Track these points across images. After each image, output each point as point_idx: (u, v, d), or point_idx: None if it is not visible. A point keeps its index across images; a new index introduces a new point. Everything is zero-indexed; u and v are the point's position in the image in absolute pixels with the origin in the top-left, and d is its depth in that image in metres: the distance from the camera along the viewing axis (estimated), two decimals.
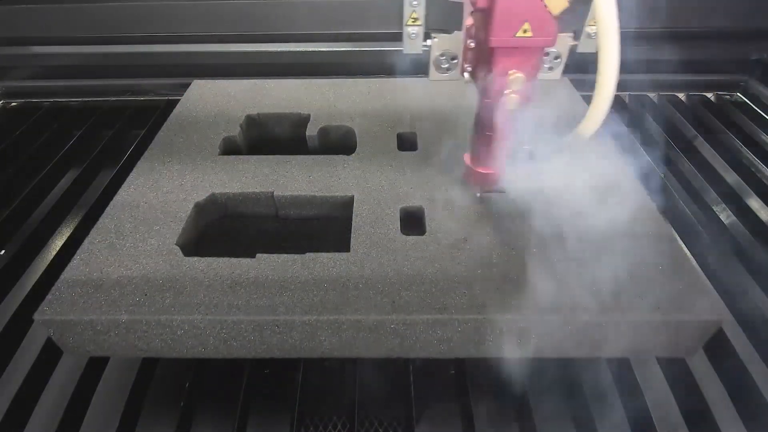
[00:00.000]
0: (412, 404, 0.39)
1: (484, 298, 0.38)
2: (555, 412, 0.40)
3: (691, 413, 0.39)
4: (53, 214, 0.56)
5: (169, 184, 0.49)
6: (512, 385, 0.41)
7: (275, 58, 0.74)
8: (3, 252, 0.53)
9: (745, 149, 0.65)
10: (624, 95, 0.76)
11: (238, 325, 0.37)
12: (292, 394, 0.40)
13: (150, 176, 0.50)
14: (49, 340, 0.43)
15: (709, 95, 0.77)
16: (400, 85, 0.65)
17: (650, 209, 0.45)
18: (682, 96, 0.77)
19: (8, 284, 0.48)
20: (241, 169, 0.51)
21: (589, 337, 0.38)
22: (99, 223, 0.45)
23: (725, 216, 0.55)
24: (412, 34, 0.42)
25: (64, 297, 0.38)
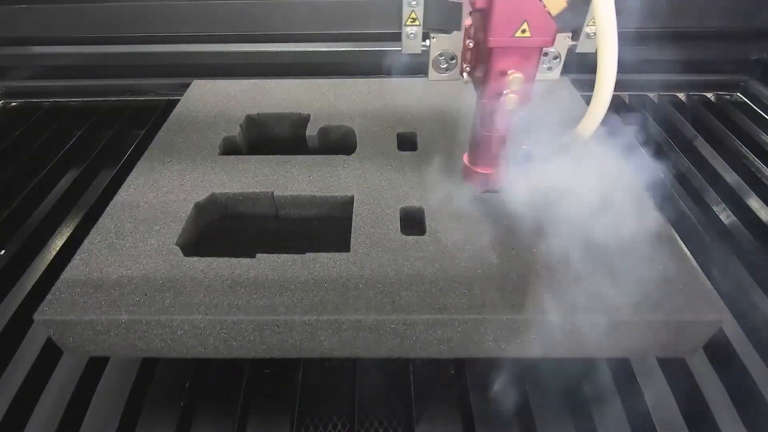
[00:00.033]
0: (412, 404, 0.39)
1: (484, 298, 0.38)
2: (555, 412, 0.40)
3: (691, 413, 0.39)
4: (53, 214, 0.56)
5: (169, 184, 0.49)
6: (512, 385, 0.41)
7: (275, 58, 0.74)
8: (3, 252, 0.53)
9: (745, 149, 0.65)
10: (624, 95, 0.76)
11: (238, 325, 0.37)
12: (292, 394, 0.40)
13: (150, 176, 0.50)
14: (49, 340, 0.43)
15: (709, 95, 0.77)
16: (400, 85, 0.65)
17: (650, 209, 0.45)
18: (682, 96, 0.77)
19: (8, 284, 0.48)
20: (241, 169, 0.51)
21: (589, 337, 0.38)
22: (99, 223, 0.45)
23: (725, 216, 0.55)
24: (411, 34, 0.42)
25: (64, 297, 0.38)
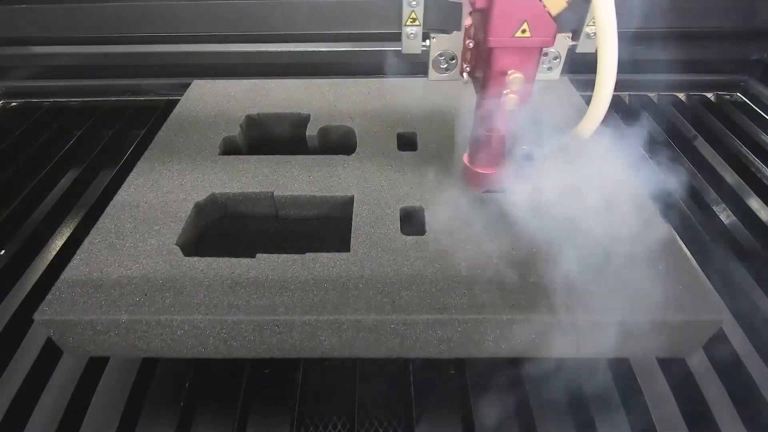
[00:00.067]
0: (412, 404, 0.39)
1: (484, 298, 0.38)
2: (555, 412, 0.40)
3: (691, 413, 0.39)
4: (53, 214, 0.56)
5: (169, 184, 0.49)
6: (512, 385, 0.41)
7: (275, 58, 0.74)
8: (3, 252, 0.53)
9: (745, 149, 0.65)
10: (624, 95, 0.76)
11: (238, 325, 0.37)
12: (292, 394, 0.40)
13: (150, 176, 0.50)
14: (49, 340, 0.43)
15: (709, 95, 0.77)
16: (400, 85, 0.65)
17: (650, 209, 0.45)
18: (682, 96, 0.77)
19: (8, 284, 0.48)
20: (241, 169, 0.51)
21: (589, 337, 0.38)
22: (99, 223, 0.45)
23: (725, 216, 0.55)
24: (411, 35, 0.42)
25: (64, 297, 0.38)
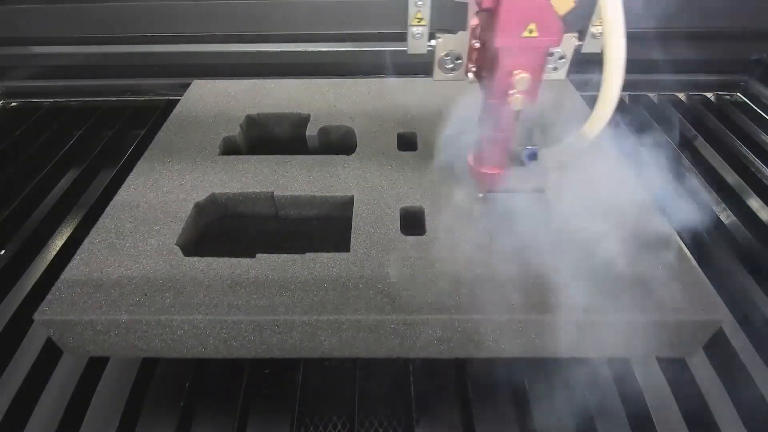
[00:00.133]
0: (412, 404, 0.39)
1: (484, 298, 0.38)
2: (555, 412, 0.40)
3: (691, 413, 0.39)
4: (53, 214, 0.56)
5: (169, 184, 0.49)
6: (512, 385, 0.41)
7: (275, 58, 0.74)
8: (3, 252, 0.53)
9: (745, 149, 0.65)
10: (624, 95, 0.76)
11: (238, 325, 0.37)
12: (292, 394, 0.40)
13: (150, 176, 0.50)
14: (49, 340, 0.43)
15: (709, 95, 0.77)
16: (400, 85, 0.65)
17: (650, 209, 0.45)
18: (682, 96, 0.77)
19: (8, 284, 0.48)
20: (241, 169, 0.51)
21: (589, 337, 0.38)
22: (99, 223, 0.45)
23: (725, 216, 0.55)
24: (417, 35, 0.41)
25: (64, 297, 0.38)
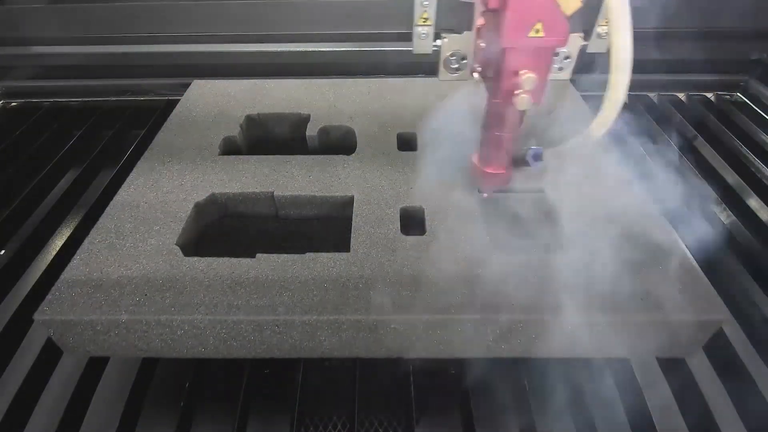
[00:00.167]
0: (412, 404, 0.39)
1: (483, 298, 0.38)
2: (555, 413, 0.40)
3: (691, 413, 0.39)
4: (53, 214, 0.56)
5: (169, 184, 0.49)
6: (512, 385, 0.41)
7: (275, 58, 0.74)
8: (3, 252, 0.53)
9: (745, 149, 0.65)
10: None
11: (238, 325, 0.37)
12: (292, 394, 0.40)
13: (150, 176, 0.50)
14: (49, 340, 0.43)
15: (709, 95, 0.77)
16: (400, 85, 0.65)
17: (650, 209, 0.45)
18: (682, 96, 0.77)
19: (8, 284, 0.48)
20: (241, 169, 0.51)
21: (590, 337, 0.38)
22: (99, 223, 0.45)
23: (725, 216, 0.55)
24: (423, 35, 0.41)
25: (64, 297, 0.38)
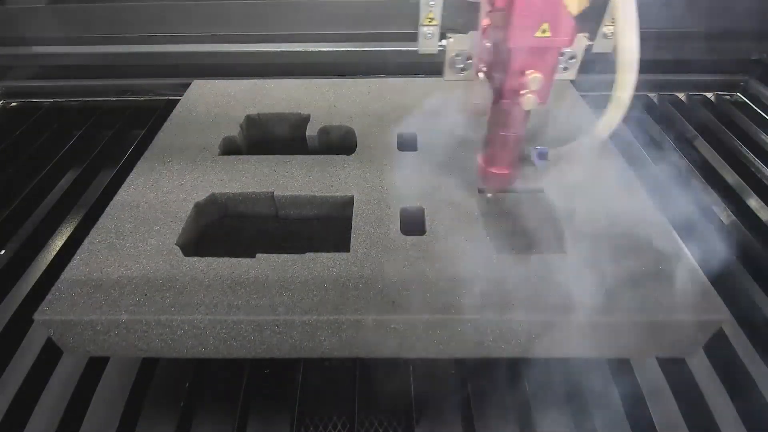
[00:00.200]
0: (412, 404, 0.39)
1: (483, 298, 0.38)
2: (555, 413, 0.40)
3: (691, 413, 0.39)
4: (53, 214, 0.56)
5: (169, 184, 0.49)
6: (512, 385, 0.41)
7: (275, 58, 0.74)
8: (3, 252, 0.53)
9: (745, 149, 0.65)
10: None
11: (238, 325, 0.37)
12: (292, 394, 0.40)
13: (150, 176, 0.50)
14: (49, 340, 0.43)
15: (709, 95, 0.77)
16: (400, 85, 0.65)
17: (650, 209, 0.45)
18: (682, 96, 0.77)
19: (8, 284, 0.48)
20: (241, 169, 0.51)
21: (590, 337, 0.38)
22: (99, 223, 0.45)
23: (725, 216, 0.55)
24: (428, 34, 0.41)
25: (64, 297, 0.38)
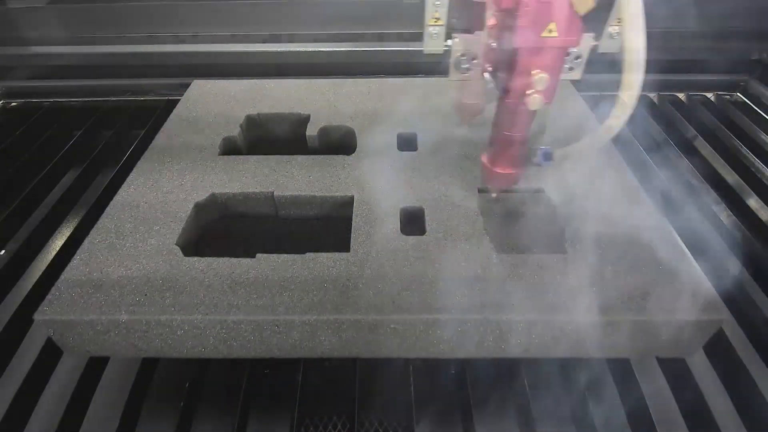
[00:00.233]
0: (412, 404, 0.39)
1: (483, 298, 0.38)
2: (555, 412, 0.40)
3: (691, 413, 0.39)
4: (53, 214, 0.56)
5: (169, 184, 0.49)
6: (512, 385, 0.41)
7: (275, 58, 0.74)
8: (3, 252, 0.53)
9: (745, 149, 0.65)
10: None
11: (238, 325, 0.37)
12: (292, 394, 0.40)
13: (150, 176, 0.50)
14: (49, 340, 0.43)
15: (709, 95, 0.77)
16: (400, 85, 0.65)
17: (650, 209, 0.45)
18: (682, 96, 0.77)
19: (8, 284, 0.48)
20: (241, 169, 0.51)
21: (589, 337, 0.38)
22: (99, 223, 0.45)
23: (725, 216, 0.55)
24: (434, 34, 0.41)
25: (64, 297, 0.38)
